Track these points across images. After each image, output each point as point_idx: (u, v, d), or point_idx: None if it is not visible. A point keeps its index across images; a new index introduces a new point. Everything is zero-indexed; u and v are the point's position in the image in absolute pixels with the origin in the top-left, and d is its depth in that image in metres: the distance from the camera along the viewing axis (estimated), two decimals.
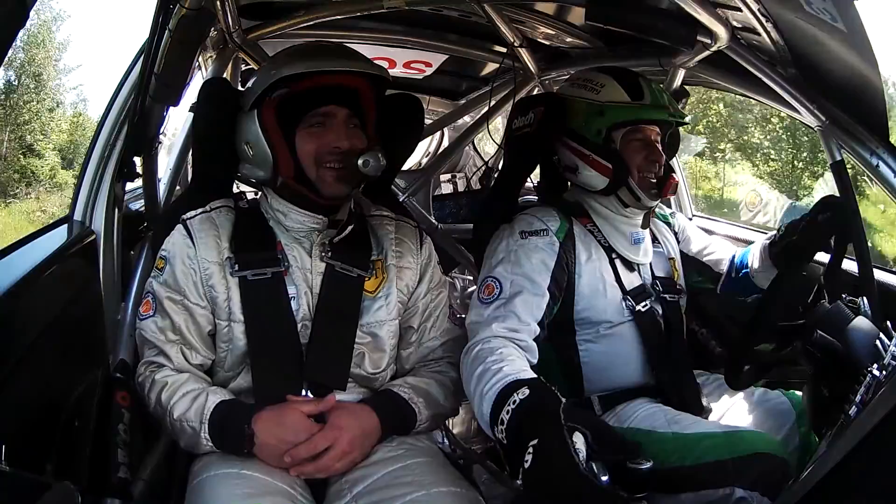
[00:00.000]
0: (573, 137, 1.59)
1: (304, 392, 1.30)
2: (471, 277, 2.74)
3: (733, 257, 1.77)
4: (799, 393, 1.48)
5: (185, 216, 1.37)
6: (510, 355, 1.29)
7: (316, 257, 1.36)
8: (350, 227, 1.39)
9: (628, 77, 1.58)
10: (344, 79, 1.32)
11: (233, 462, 1.21)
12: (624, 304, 1.56)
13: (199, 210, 1.38)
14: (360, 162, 1.31)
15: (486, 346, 1.32)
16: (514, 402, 1.10)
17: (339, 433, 1.22)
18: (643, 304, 1.58)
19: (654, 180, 1.56)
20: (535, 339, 1.40)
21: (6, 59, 0.72)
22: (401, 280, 1.42)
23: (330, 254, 1.36)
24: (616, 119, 1.54)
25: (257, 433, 1.21)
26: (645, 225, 1.62)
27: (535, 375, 1.22)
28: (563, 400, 1.08)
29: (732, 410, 1.55)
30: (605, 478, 0.98)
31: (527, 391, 1.11)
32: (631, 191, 1.56)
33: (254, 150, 1.34)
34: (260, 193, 1.45)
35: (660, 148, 1.59)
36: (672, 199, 2.56)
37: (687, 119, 1.62)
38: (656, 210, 1.77)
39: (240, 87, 2.20)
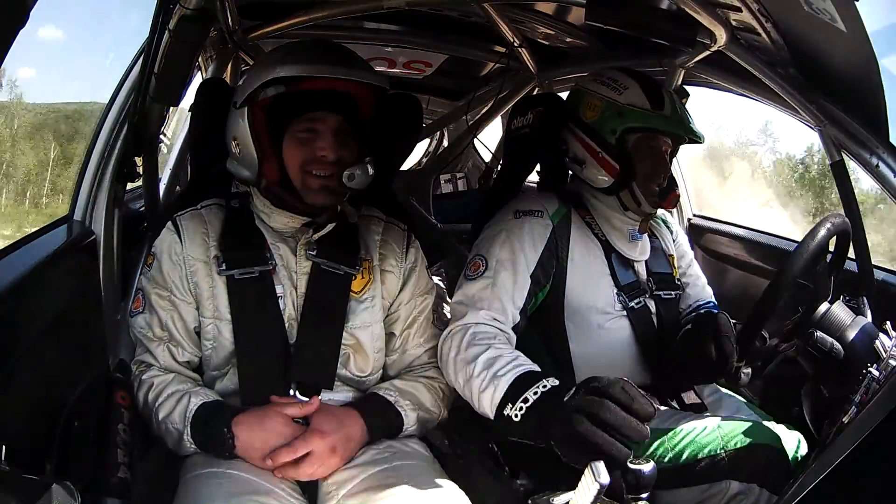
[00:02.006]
0: (586, 132, 1.58)
1: (291, 392, 1.30)
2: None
3: (697, 304, 1.72)
4: (795, 434, 1.46)
5: (176, 213, 1.36)
6: (513, 348, 1.32)
7: (301, 256, 1.34)
8: (331, 225, 1.36)
9: (652, 85, 1.57)
10: (339, 84, 1.28)
11: (220, 462, 1.20)
12: (616, 298, 1.56)
13: (190, 208, 1.37)
14: (345, 175, 1.28)
15: (480, 329, 1.34)
16: (545, 386, 1.15)
17: (320, 438, 1.21)
18: (637, 300, 1.57)
19: (658, 189, 1.56)
20: (514, 328, 1.42)
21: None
22: (384, 284, 1.41)
23: (315, 251, 1.35)
24: (633, 123, 1.53)
25: (238, 435, 1.20)
26: (643, 229, 1.62)
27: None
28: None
29: (726, 412, 1.54)
30: None
31: (556, 381, 1.16)
32: (633, 195, 1.55)
33: (241, 148, 1.32)
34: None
35: (668, 160, 1.58)
36: None
37: (703, 139, 1.59)
38: (657, 213, 1.77)
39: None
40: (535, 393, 1.14)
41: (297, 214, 1.35)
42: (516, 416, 1.15)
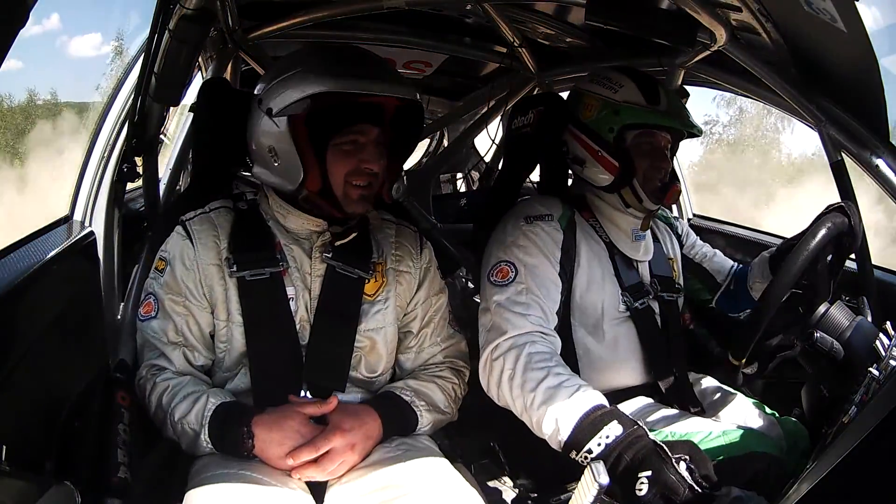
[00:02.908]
0: (585, 131, 1.58)
1: (303, 393, 1.30)
2: (471, 277, 2.74)
3: (733, 268, 1.80)
4: (798, 429, 1.47)
5: (183, 217, 1.36)
6: (564, 366, 1.31)
7: (316, 259, 1.35)
8: (354, 234, 1.37)
9: (647, 81, 1.58)
10: (381, 98, 1.29)
11: (231, 463, 1.20)
12: (621, 299, 1.56)
13: (199, 210, 1.37)
14: (394, 189, 1.36)
15: (536, 349, 1.32)
16: (607, 436, 1.17)
17: (340, 435, 1.21)
18: (640, 301, 1.58)
19: (659, 185, 1.56)
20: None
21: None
22: (399, 285, 1.41)
23: (331, 254, 1.35)
24: (629, 120, 1.54)
25: (257, 435, 1.20)
26: (645, 226, 1.62)
27: (604, 399, 1.25)
28: (645, 428, 1.17)
29: (728, 411, 1.55)
30: None
31: (619, 428, 1.17)
32: (634, 192, 1.56)
33: (281, 159, 1.29)
34: (259, 193, 1.43)
35: (668, 155, 1.59)
36: None
37: (700, 132, 1.60)
38: (659, 212, 1.77)
39: (239, 87, 2.22)
40: (599, 445, 1.17)
41: (316, 218, 1.35)
42: (582, 461, 1.19)
